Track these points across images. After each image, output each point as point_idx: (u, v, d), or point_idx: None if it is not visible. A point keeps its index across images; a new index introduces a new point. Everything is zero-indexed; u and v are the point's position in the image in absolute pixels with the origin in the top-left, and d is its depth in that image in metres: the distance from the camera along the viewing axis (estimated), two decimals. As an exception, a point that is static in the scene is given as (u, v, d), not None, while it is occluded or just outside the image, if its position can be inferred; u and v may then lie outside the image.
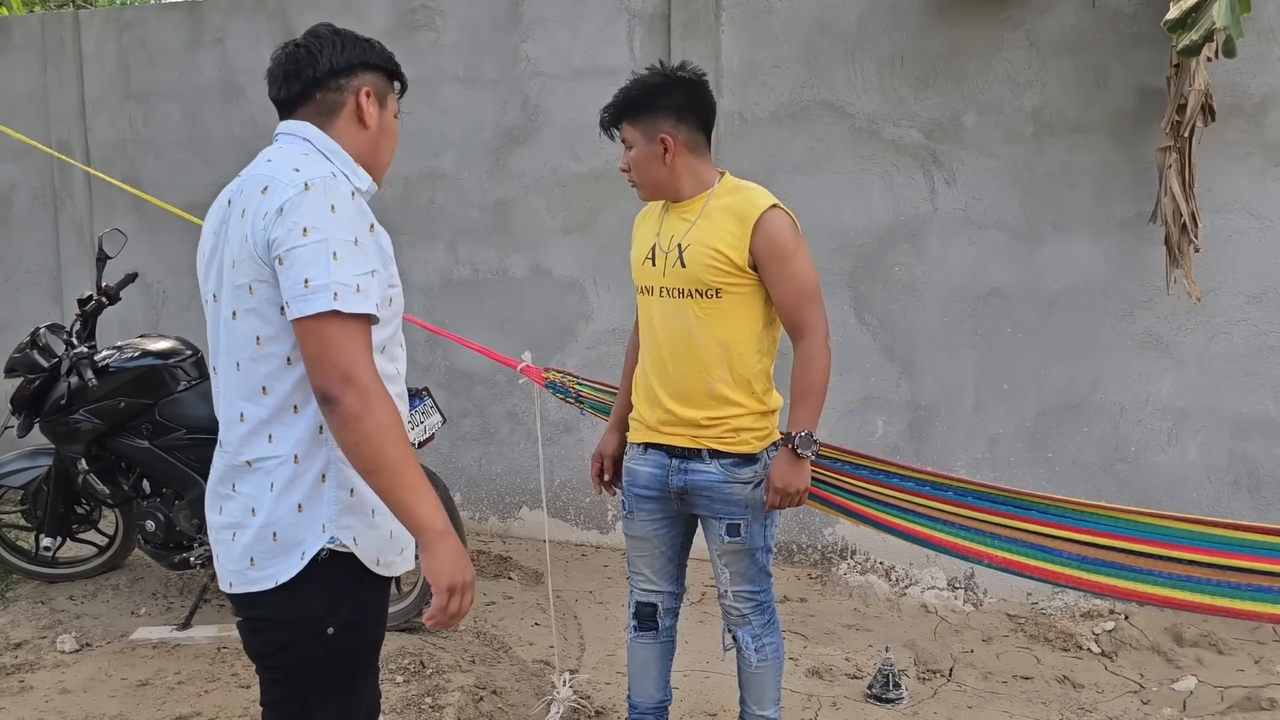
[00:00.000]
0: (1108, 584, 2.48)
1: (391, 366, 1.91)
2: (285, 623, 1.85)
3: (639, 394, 2.73)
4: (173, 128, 5.32)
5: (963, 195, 4.21)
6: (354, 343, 1.70)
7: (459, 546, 1.76)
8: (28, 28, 5.53)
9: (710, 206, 2.58)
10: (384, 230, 1.90)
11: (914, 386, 4.35)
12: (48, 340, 3.99)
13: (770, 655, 2.78)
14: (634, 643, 2.89)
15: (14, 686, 3.46)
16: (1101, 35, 3.97)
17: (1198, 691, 3.48)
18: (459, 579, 1.75)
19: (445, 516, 1.75)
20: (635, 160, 2.61)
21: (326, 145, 1.89)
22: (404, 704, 3.26)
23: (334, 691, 1.90)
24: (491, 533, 5.01)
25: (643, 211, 2.81)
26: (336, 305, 1.68)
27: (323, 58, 1.90)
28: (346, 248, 1.72)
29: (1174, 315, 3.98)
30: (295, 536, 1.80)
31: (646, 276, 2.66)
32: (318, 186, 1.74)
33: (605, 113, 2.65)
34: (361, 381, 1.69)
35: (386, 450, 1.70)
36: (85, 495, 4.09)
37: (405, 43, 4.90)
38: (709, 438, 2.60)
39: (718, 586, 2.75)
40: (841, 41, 4.28)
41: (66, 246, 5.55)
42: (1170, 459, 4.06)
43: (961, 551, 2.67)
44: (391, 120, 2.01)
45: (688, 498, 2.67)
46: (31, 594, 4.25)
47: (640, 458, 2.74)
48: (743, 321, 2.57)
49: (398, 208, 5.00)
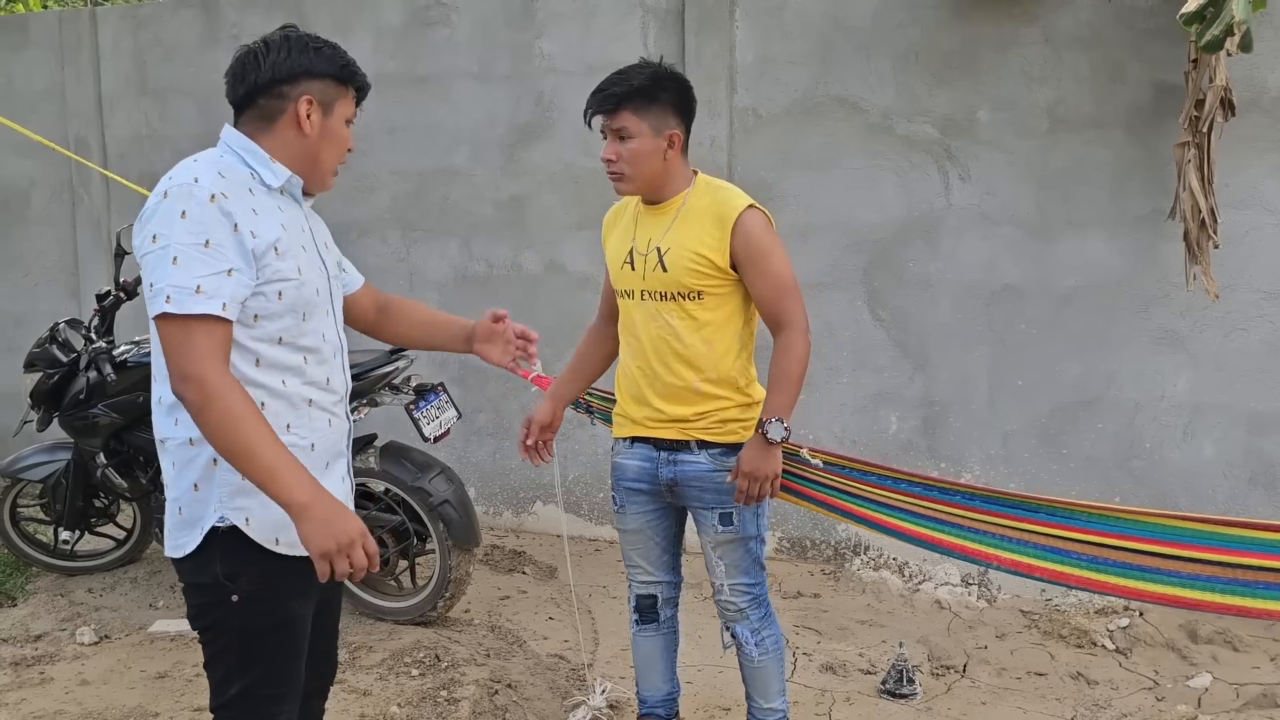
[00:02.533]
0: (1120, 584, 2.47)
1: (294, 356, 1.99)
2: (197, 587, 1.99)
3: (622, 392, 2.74)
4: (188, 124, 5.34)
5: (977, 191, 4.20)
6: (192, 342, 1.81)
7: (328, 513, 1.81)
8: (45, 24, 5.57)
9: (687, 208, 2.57)
10: (281, 227, 1.95)
11: (927, 382, 4.35)
12: (67, 335, 4.02)
13: (770, 648, 2.79)
14: (637, 636, 2.92)
15: (34, 678, 3.49)
16: (1117, 30, 3.96)
17: (1213, 688, 3.47)
18: (331, 544, 1.81)
19: (307, 485, 1.81)
20: (634, 152, 2.52)
21: (240, 144, 2.00)
22: (419, 697, 3.28)
23: (250, 660, 2.00)
24: (505, 527, 5.03)
25: (610, 214, 2.80)
26: (169, 307, 1.80)
27: (265, 65, 1.97)
28: (191, 251, 1.82)
29: (1190, 311, 3.97)
30: (195, 513, 1.95)
31: (625, 281, 2.65)
32: (173, 194, 1.86)
33: (604, 99, 2.53)
34: (198, 377, 1.80)
35: (232, 436, 1.80)
36: (104, 489, 4.12)
37: (418, 39, 4.91)
38: (696, 429, 2.63)
39: (714, 583, 2.76)
40: (855, 37, 4.28)
41: (84, 242, 5.59)
42: (1186, 456, 4.05)
43: (971, 554, 2.64)
44: (338, 127, 2.04)
45: (678, 490, 2.68)
46: (51, 587, 4.29)
47: (627, 452, 2.75)
48: (724, 320, 2.59)
49: (411, 204, 5.02)
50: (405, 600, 3.89)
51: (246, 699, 2.00)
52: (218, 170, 1.92)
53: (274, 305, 1.93)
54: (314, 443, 2.04)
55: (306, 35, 2.02)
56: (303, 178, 2.04)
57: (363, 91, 2.10)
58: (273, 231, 1.92)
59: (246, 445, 1.79)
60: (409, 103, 4.95)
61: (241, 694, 2.00)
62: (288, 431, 1.97)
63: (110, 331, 4.03)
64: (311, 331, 2.02)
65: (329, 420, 2.07)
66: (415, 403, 3.75)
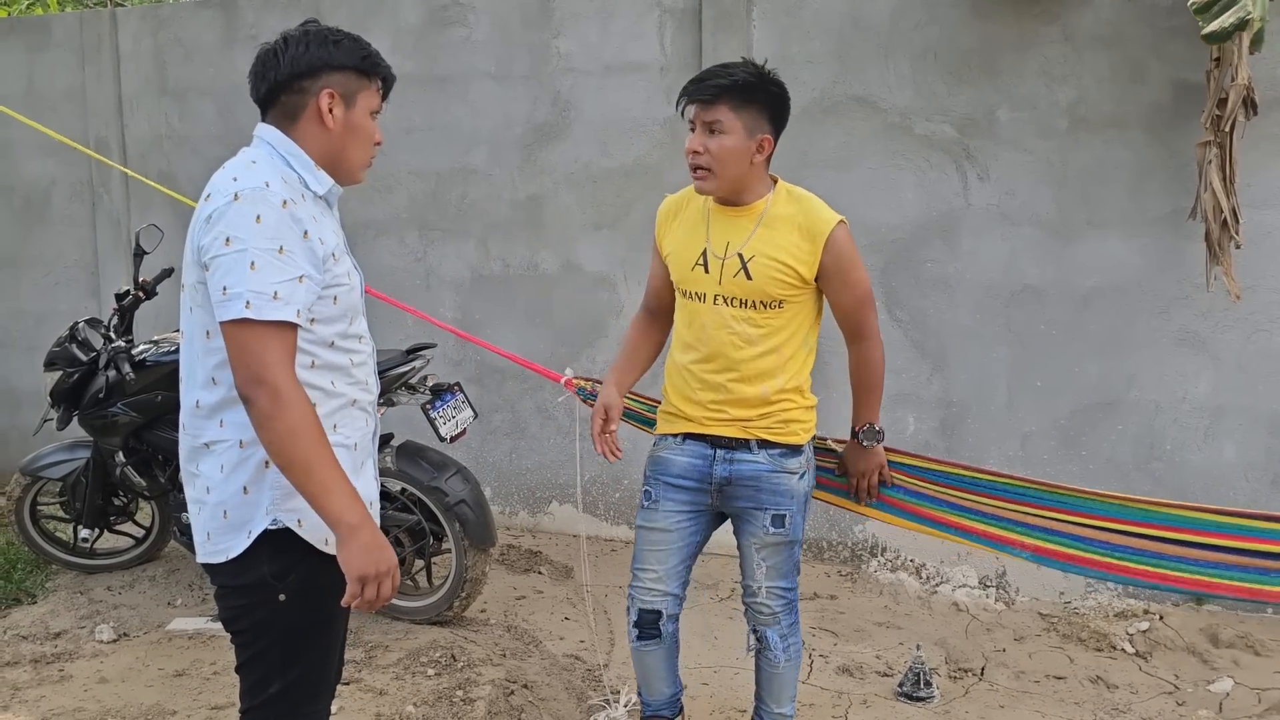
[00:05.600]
0: (1143, 570, 2.51)
1: (343, 358, 2.02)
2: (240, 589, 1.99)
3: (676, 391, 2.68)
4: (208, 124, 5.37)
5: (996, 191, 4.18)
6: (268, 347, 1.81)
7: (373, 540, 1.86)
8: (66, 25, 5.60)
9: (771, 215, 2.54)
10: (335, 233, 2.00)
11: (946, 383, 4.33)
12: (86, 334, 4.04)
13: (794, 655, 2.78)
14: (638, 652, 2.83)
15: (54, 675, 3.52)
16: (1138, 29, 3.93)
17: (1234, 693, 3.44)
18: (370, 570, 1.84)
19: (359, 509, 1.85)
20: (725, 149, 2.44)
21: (287, 149, 1.99)
22: (435, 697, 3.28)
23: (291, 658, 2.01)
24: (521, 527, 5.03)
25: (669, 205, 2.72)
26: (248, 313, 1.80)
27: (284, 61, 1.96)
28: (267, 256, 1.82)
29: (1211, 312, 3.93)
30: (242, 516, 1.95)
31: (696, 282, 2.58)
32: (246, 198, 1.85)
33: (702, 89, 2.44)
34: (273, 384, 1.80)
35: (296, 449, 1.81)
36: (123, 487, 4.14)
37: (437, 39, 4.92)
38: (759, 428, 2.60)
39: (749, 585, 2.72)
40: (874, 36, 4.26)
41: (104, 242, 5.62)
42: (1206, 458, 4.02)
43: (995, 539, 2.69)
44: (362, 119, 2.03)
45: (729, 489, 2.64)
46: (70, 584, 4.32)
47: (677, 448, 2.68)
48: (797, 328, 2.59)
49: (429, 204, 5.03)
50: (421, 600, 3.89)
51: (284, 699, 2.01)
52: (281, 176, 1.93)
53: (330, 309, 1.96)
54: (356, 442, 2.07)
55: (327, 29, 2.02)
56: (330, 173, 2.04)
57: (387, 83, 2.09)
58: (332, 238, 1.96)
59: (307, 460, 1.81)
60: (426, 103, 4.96)
61: (280, 694, 2.01)
62: (335, 431, 1.99)
63: (129, 331, 4.06)
64: (356, 334, 2.05)
65: (366, 419, 2.11)
66: (431, 402, 3.75)
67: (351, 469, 2.02)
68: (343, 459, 1.98)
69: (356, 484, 2.03)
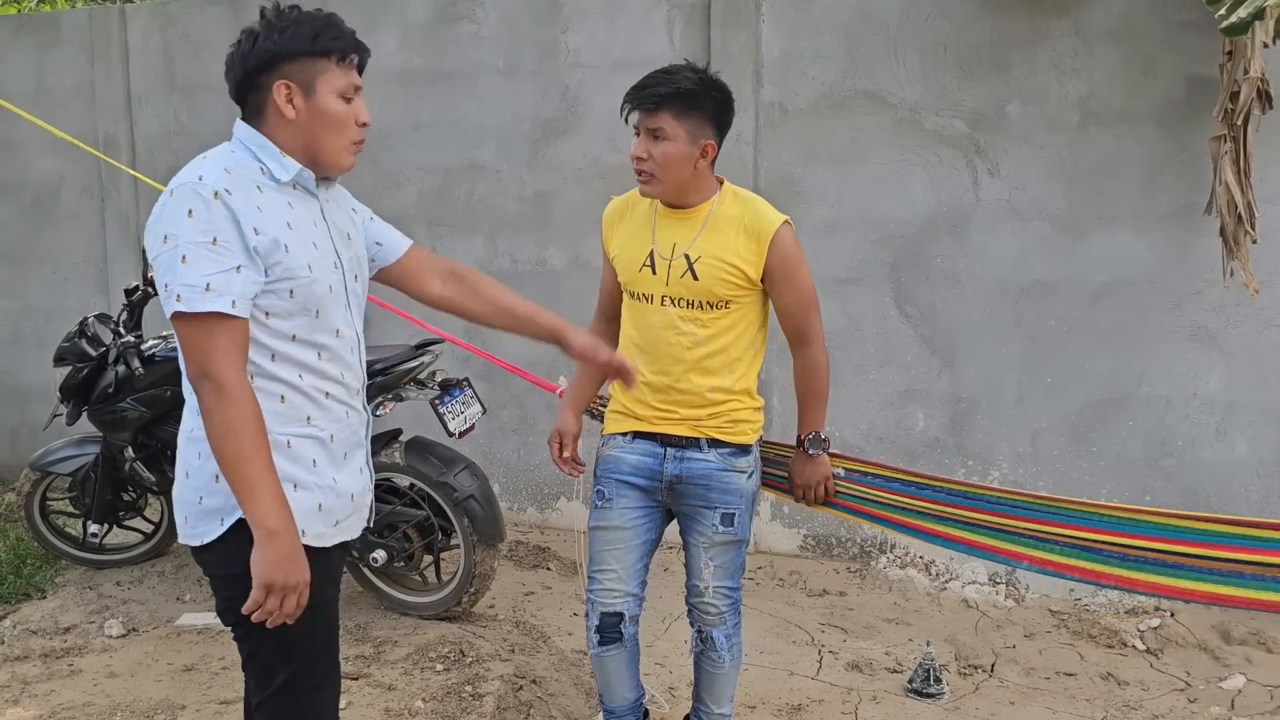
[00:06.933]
0: (1152, 581, 2.43)
1: (308, 353, 1.97)
2: (229, 579, 1.97)
3: (624, 390, 2.64)
4: (216, 120, 5.36)
5: (1006, 186, 4.16)
6: (210, 340, 1.81)
7: (290, 550, 1.84)
8: (75, 22, 5.61)
9: (716, 216, 2.53)
10: (296, 223, 1.93)
11: (955, 379, 4.31)
12: (96, 330, 4.05)
13: (737, 655, 2.78)
14: (599, 658, 2.74)
15: (63, 670, 3.52)
16: (1150, 23, 3.91)
17: (1246, 690, 3.43)
18: (279, 579, 1.83)
19: (282, 516, 1.83)
20: (668, 155, 2.45)
21: (254, 141, 1.97)
22: (444, 692, 3.28)
23: (290, 650, 2.00)
24: (530, 523, 5.03)
25: (614, 209, 2.72)
26: (179, 306, 1.80)
27: (238, 59, 1.96)
28: (199, 249, 1.80)
29: (1223, 308, 3.91)
30: (216, 503, 1.94)
31: (644, 284, 2.58)
32: (178, 193, 1.84)
33: (645, 97, 2.44)
34: (216, 378, 1.80)
35: (228, 444, 1.80)
36: (132, 483, 4.15)
37: (445, 35, 4.92)
38: (709, 427, 2.59)
39: (696, 585, 2.69)
40: (883, 30, 4.24)
41: (113, 238, 5.63)
42: (1218, 454, 3.99)
43: (1001, 554, 2.61)
44: (328, 103, 1.95)
45: (679, 488, 2.62)
46: (79, 580, 4.33)
47: (627, 446, 2.66)
48: (744, 330, 2.57)
49: (437, 199, 5.03)
50: (430, 595, 3.89)
51: (290, 689, 2.01)
52: (224, 167, 1.90)
53: (285, 304, 1.92)
54: (332, 434, 2.03)
55: (279, 15, 1.95)
56: (312, 163, 1.99)
57: (357, 55, 1.99)
58: (278, 229, 1.89)
59: (238, 456, 1.80)
60: (435, 98, 4.95)
61: (285, 685, 2.01)
62: (308, 424, 1.98)
63: (139, 326, 4.06)
64: (325, 328, 2.00)
65: (346, 412, 2.07)
66: (440, 398, 3.75)
67: (327, 461, 2.01)
68: (316, 450, 1.99)
69: (339, 477, 2.05)
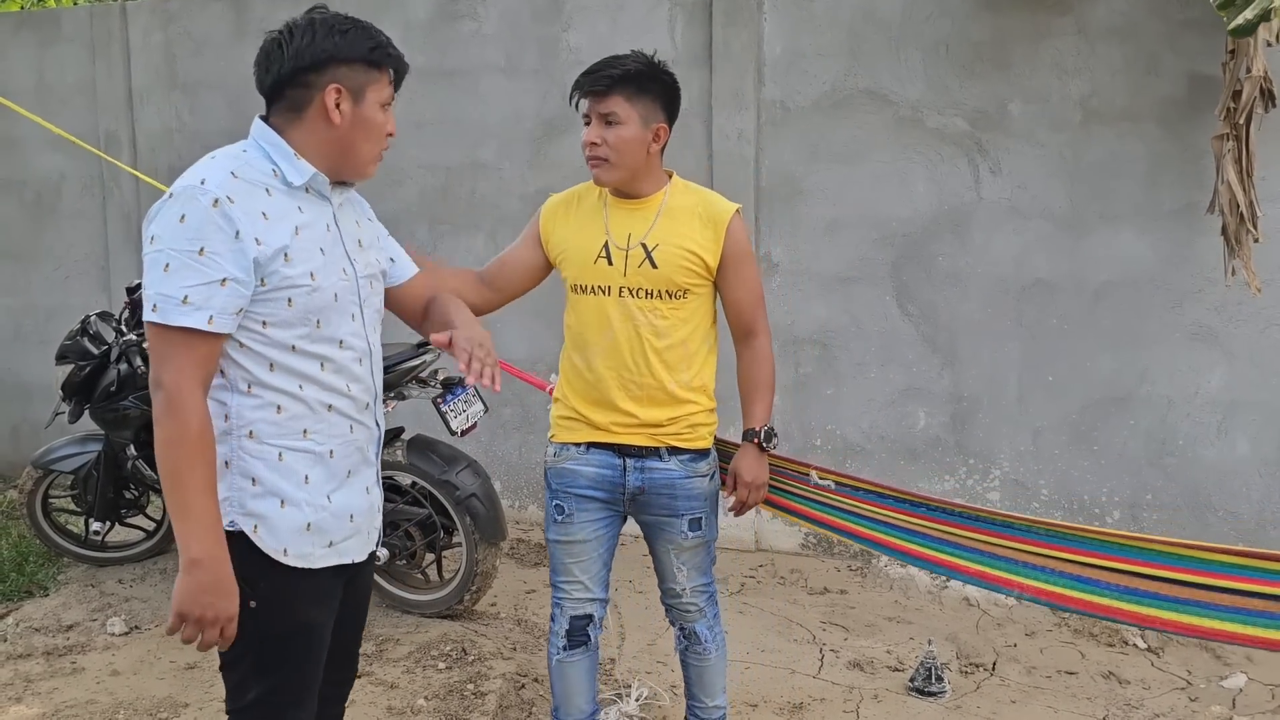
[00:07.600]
0: (1151, 615, 2.36)
1: (310, 364, 1.90)
2: None
3: (577, 394, 2.60)
4: (218, 118, 5.37)
5: (1008, 184, 4.16)
6: (173, 352, 1.77)
7: (211, 583, 1.77)
8: (77, 19, 5.61)
9: (670, 205, 2.52)
10: (302, 229, 1.87)
11: (957, 378, 4.31)
12: (98, 328, 4.05)
13: (721, 643, 2.78)
14: (562, 665, 2.70)
15: (66, 668, 3.53)
16: (1152, 21, 3.91)
17: (1247, 689, 3.43)
18: (192, 612, 1.77)
19: (208, 545, 1.76)
20: (622, 140, 2.42)
21: (269, 140, 1.91)
22: (446, 690, 3.28)
23: (267, 667, 1.93)
24: (531, 521, 5.03)
25: (557, 202, 2.66)
26: (153, 316, 1.77)
27: (289, 53, 1.88)
28: (183, 258, 1.75)
29: (1225, 307, 3.91)
30: None
31: (599, 276, 2.53)
32: (177, 195, 1.79)
33: (595, 80, 2.42)
34: (168, 391, 1.76)
35: (168, 460, 1.77)
36: (134, 481, 4.16)
37: (447, 33, 4.91)
38: (668, 434, 2.55)
39: (672, 588, 2.69)
40: (885, 29, 4.24)
41: (114, 235, 5.63)
42: (1219, 453, 4.00)
43: (997, 583, 2.52)
44: (371, 113, 1.93)
45: (642, 499, 2.58)
46: (81, 577, 4.33)
47: (582, 458, 2.59)
48: (700, 322, 2.56)
49: (439, 198, 5.03)
50: (432, 593, 3.90)
51: (263, 705, 1.95)
52: (231, 170, 1.83)
53: (284, 312, 1.85)
54: (332, 449, 1.95)
55: (335, 17, 1.92)
56: (338, 168, 1.95)
57: (399, 72, 1.98)
58: (282, 237, 1.83)
59: (177, 474, 1.76)
60: (436, 97, 4.95)
61: (258, 700, 1.94)
62: (304, 437, 1.90)
63: (141, 324, 4.06)
64: (328, 338, 1.92)
65: (351, 426, 1.98)
66: (442, 396, 3.75)
67: (324, 477, 1.94)
68: (310, 466, 1.91)
69: (335, 495, 1.96)
